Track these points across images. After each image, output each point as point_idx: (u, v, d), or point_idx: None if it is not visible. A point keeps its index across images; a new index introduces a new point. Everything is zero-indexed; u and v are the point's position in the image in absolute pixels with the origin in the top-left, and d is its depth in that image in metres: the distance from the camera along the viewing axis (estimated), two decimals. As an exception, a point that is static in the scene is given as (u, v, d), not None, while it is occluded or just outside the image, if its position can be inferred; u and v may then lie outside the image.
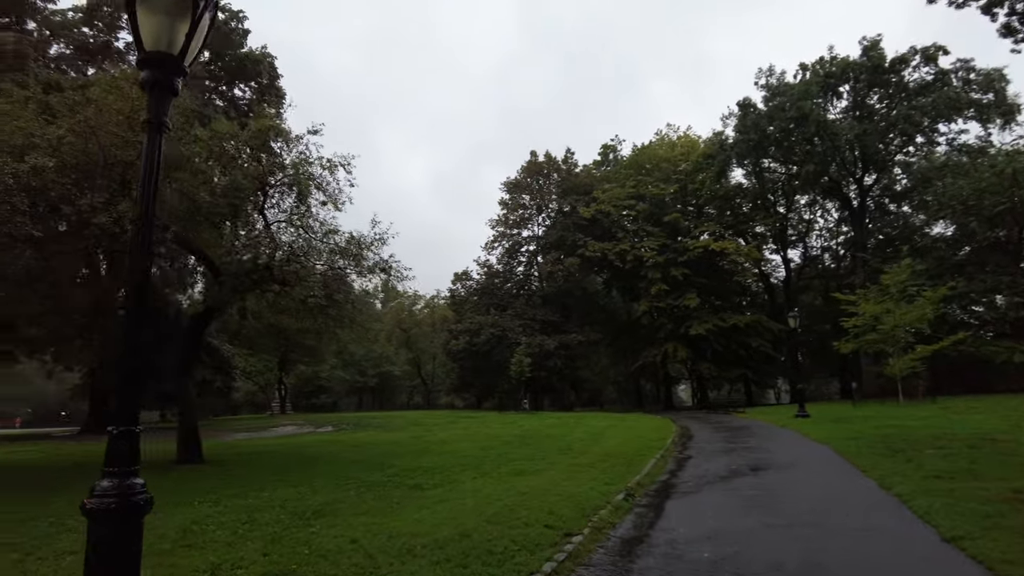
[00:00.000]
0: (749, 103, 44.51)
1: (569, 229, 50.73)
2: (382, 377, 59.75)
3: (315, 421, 31.76)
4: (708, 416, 31.48)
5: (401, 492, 9.66)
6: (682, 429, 21.64)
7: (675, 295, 44.80)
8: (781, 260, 54.32)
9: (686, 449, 15.01)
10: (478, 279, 53.88)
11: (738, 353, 44.20)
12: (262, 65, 34.62)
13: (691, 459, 13.05)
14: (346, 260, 14.62)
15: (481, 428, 22.69)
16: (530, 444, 16.20)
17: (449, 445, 16.85)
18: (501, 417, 30.50)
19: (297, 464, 14.00)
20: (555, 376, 47.43)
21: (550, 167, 54.33)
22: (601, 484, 9.60)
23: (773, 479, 10.05)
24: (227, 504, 9.22)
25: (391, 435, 21.47)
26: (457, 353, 47.76)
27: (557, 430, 20.45)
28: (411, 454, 15.12)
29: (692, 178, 47.96)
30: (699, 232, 46.65)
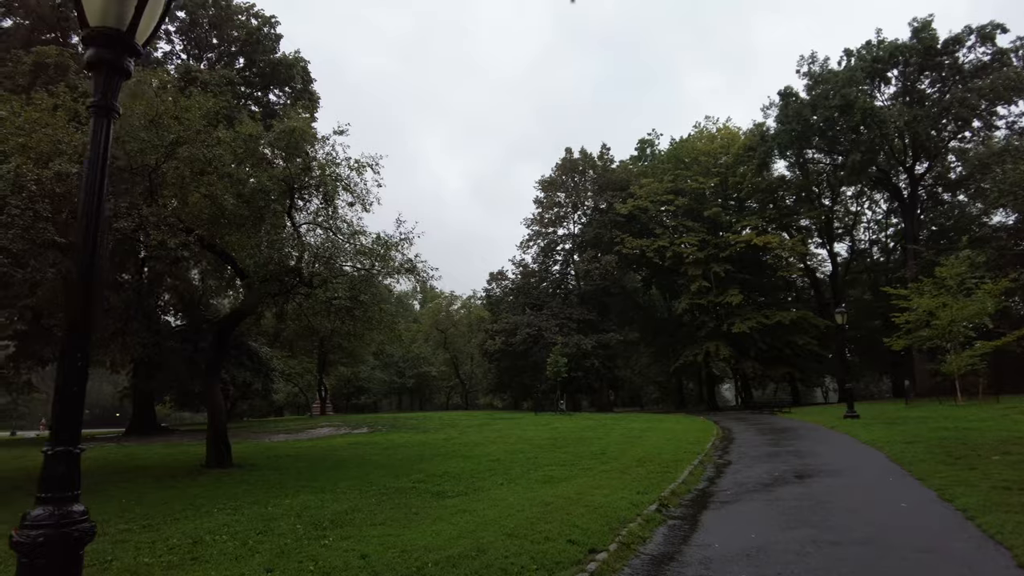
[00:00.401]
0: (790, 92, 42.99)
1: (606, 226, 49.86)
2: (419, 378, 59.91)
3: (352, 422, 31.78)
4: (752, 416, 30.40)
5: (422, 500, 9.28)
6: (723, 431, 20.80)
7: (716, 292, 43.59)
8: (827, 254, 52.44)
9: (727, 453, 14.28)
10: (513, 278, 53.48)
11: (783, 351, 42.74)
12: (295, 70, 34.89)
13: (731, 464, 12.35)
14: (372, 261, 14.35)
15: (514, 430, 22.24)
16: (563, 448, 15.68)
17: (479, 448, 16.46)
18: (536, 418, 30.00)
19: (325, 468, 13.79)
20: (593, 376, 46.63)
21: (585, 164, 53.54)
22: (633, 493, 9.04)
23: (820, 488, 9.32)
24: (246, 512, 9.00)
25: (424, 436, 21.20)
26: (493, 353, 47.42)
27: (592, 433, 19.86)
28: (439, 457, 14.77)
29: (733, 171, 46.55)
30: (741, 227, 45.32)
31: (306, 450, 18.31)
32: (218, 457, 14.36)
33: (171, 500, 10.32)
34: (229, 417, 48.50)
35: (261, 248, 13.48)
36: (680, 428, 21.59)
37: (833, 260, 51.58)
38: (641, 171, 53.53)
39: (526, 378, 46.37)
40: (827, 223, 50.42)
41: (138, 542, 7.47)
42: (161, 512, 9.23)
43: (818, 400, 68.76)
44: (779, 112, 43.44)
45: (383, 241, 15.59)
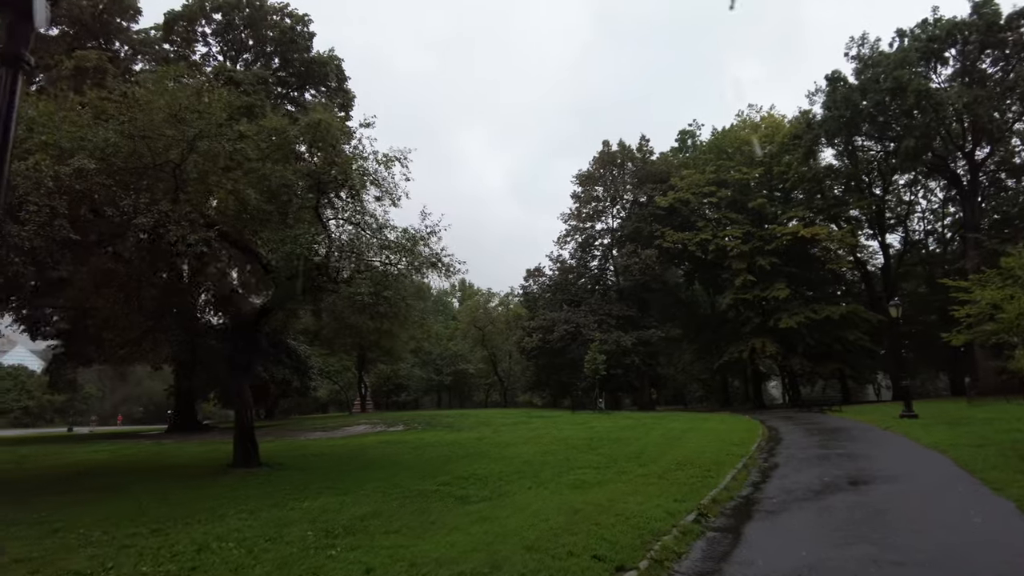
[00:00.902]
0: (838, 76, 41.09)
1: (645, 220, 48.65)
2: (457, 375, 59.73)
3: (389, 420, 31.66)
4: (800, 415, 29.07)
5: (444, 505, 8.77)
6: (770, 431, 19.77)
7: (762, 286, 41.99)
8: (879, 246, 50.07)
9: (773, 455, 13.38)
10: (551, 275, 52.69)
11: (832, 347, 40.93)
12: (328, 68, 34.93)
13: (778, 468, 11.48)
14: (398, 255, 13.92)
15: (550, 430, 21.62)
16: (598, 449, 15.00)
17: (511, 448, 15.90)
18: (573, 417, 29.31)
19: (352, 468, 13.44)
20: (633, 374, 45.57)
21: (624, 156, 52.36)
22: (670, 500, 8.34)
23: (878, 496, 8.44)
24: (262, 516, 8.65)
25: (456, 435, 20.78)
26: (530, 351, 46.78)
27: (630, 433, 19.09)
28: (469, 458, 14.27)
29: (777, 160, 44.79)
30: (787, 218, 43.56)
31: (337, 449, 18.07)
32: (245, 457, 14.17)
33: (191, 501, 10.06)
34: (271, 414, 49.31)
35: (286, 244, 13.18)
36: (723, 428, 20.61)
37: (885, 252, 49.24)
38: (682, 163, 52.12)
39: (564, 376, 45.60)
40: (878, 213, 48.14)
41: (143, 548, 7.15)
42: (178, 514, 8.95)
43: (870, 398, 66.01)
44: (826, 98, 41.59)
45: (410, 235, 15.19)
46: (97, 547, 7.29)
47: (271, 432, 27.96)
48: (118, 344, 17.14)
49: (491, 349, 58.33)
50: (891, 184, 49.00)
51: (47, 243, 9.98)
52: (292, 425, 33.52)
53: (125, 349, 17.77)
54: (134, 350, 18.15)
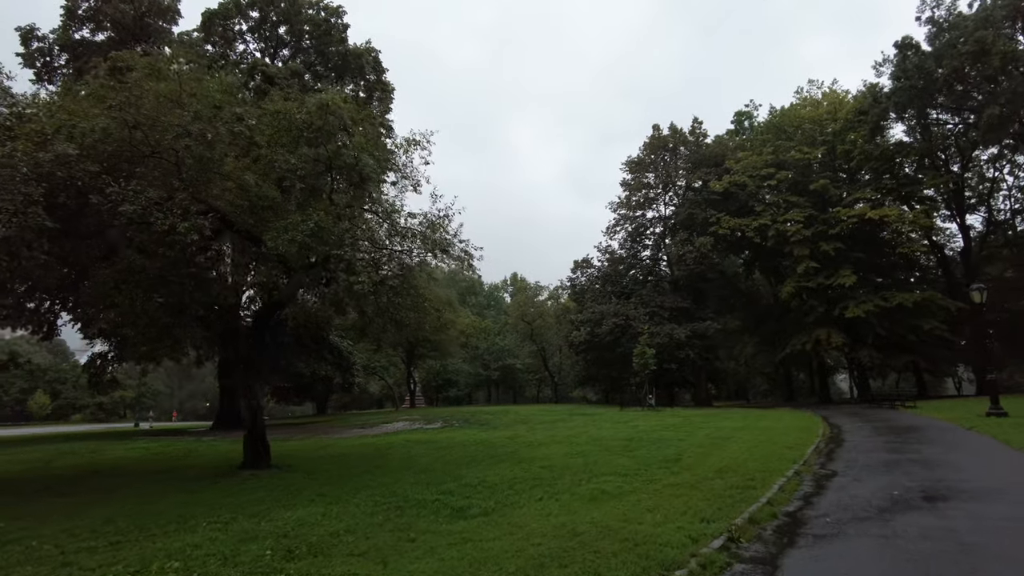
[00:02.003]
0: (909, 43, 37.77)
1: (699, 206, 46.27)
2: (504, 370, 58.78)
3: (432, 416, 30.92)
4: (868, 412, 26.61)
5: (433, 520, 7.64)
6: (831, 430, 17.81)
7: (826, 273, 39.13)
8: (958, 227, 46.06)
9: (831, 460, 11.66)
10: (599, 266, 50.84)
11: (905, 337, 37.73)
12: (364, 59, 34.34)
13: (836, 477, 9.83)
14: (408, 242, 12.89)
15: (589, 428, 20.26)
16: (633, 451, 13.60)
17: (540, 450, 14.67)
18: (619, 415, 27.78)
19: (359, 472, 12.52)
20: (688, 368, 43.44)
21: (676, 140, 49.95)
22: (696, 520, 6.94)
23: (962, 519, 6.81)
24: (232, 528, 7.78)
25: (489, 434, 19.69)
26: (578, 345, 45.23)
27: (673, 433, 17.53)
28: (490, 460, 13.13)
29: (841, 138, 41.60)
30: (852, 200, 40.44)
31: (359, 449, 17.27)
32: (254, 459, 13.46)
33: (174, 508, 9.30)
34: (323, 410, 49.62)
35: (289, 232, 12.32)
36: (779, 427, 18.75)
37: (965, 234, 45.23)
38: (738, 145, 49.35)
39: (614, 371, 43.84)
40: (956, 192, 44.24)
41: (84, 566, 6.33)
42: (149, 524, 8.18)
43: (949, 392, 61.39)
44: (895, 67, 38.31)
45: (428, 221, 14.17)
46: (37, 564, 6.52)
47: (309, 429, 27.65)
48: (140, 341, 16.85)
49: (540, 343, 57.13)
50: (971, 161, 45.01)
51: (21, 231, 9.37)
52: (337, 422, 33.27)
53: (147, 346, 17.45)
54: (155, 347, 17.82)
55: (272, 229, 12.46)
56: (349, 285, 11.32)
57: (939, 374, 53.25)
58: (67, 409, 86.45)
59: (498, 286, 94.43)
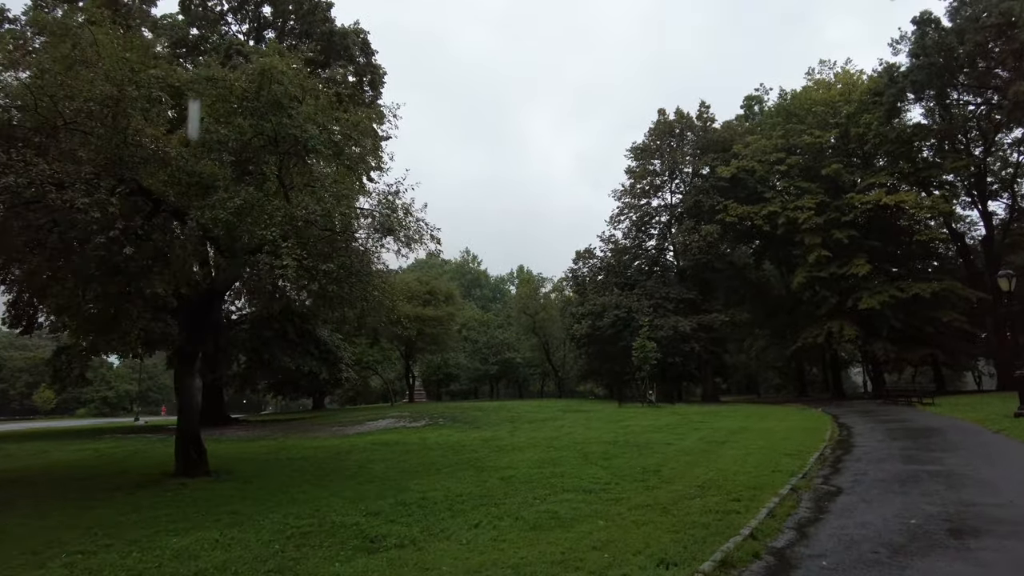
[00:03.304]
0: (928, 18, 35.57)
1: (706, 192, 44.42)
2: (503, 364, 57.21)
3: (421, 413, 29.46)
4: (882, 409, 24.80)
5: (325, 558, 6.14)
6: (840, 432, 16.13)
7: (839, 262, 37.18)
8: (979, 214, 43.84)
9: (837, 472, 10.03)
10: (602, 256, 49.01)
11: (923, 329, 35.81)
12: (349, 39, 32.79)
13: (840, 496, 8.21)
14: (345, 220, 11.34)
15: (576, 429, 18.73)
16: (612, 458, 12.05)
17: (510, 456, 13.16)
18: (616, 412, 26.18)
19: (302, 481, 11.08)
20: (693, 362, 41.67)
21: (683, 125, 47.97)
22: (652, 564, 5.38)
23: (1003, 564, 5.20)
24: (95, 559, 6.39)
25: (466, 435, 18.22)
26: (580, 338, 43.59)
27: (665, 435, 15.96)
28: (449, 469, 11.64)
29: (855, 121, 39.46)
30: (867, 186, 38.40)
31: (318, 452, 15.84)
32: (186, 465, 12.04)
33: (47, 531, 7.87)
34: (320, 406, 48.40)
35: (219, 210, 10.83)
36: (782, 428, 17.08)
37: (987, 221, 42.98)
38: (747, 130, 47.31)
39: (616, 365, 42.10)
40: (978, 177, 42.02)
41: None
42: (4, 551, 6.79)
43: (968, 387, 59.09)
44: (913, 44, 36.16)
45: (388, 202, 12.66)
46: None
47: (291, 427, 26.36)
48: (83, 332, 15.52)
49: (543, 337, 55.52)
50: (993, 144, 42.76)
51: None
52: (324, 419, 31.92)
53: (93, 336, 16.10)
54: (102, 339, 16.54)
55: (198, 207, 11.01)
56: (271, 269, 9.80)
57: (958, 368, 51.14)
58: (72, 403, 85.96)
59: (504, 279, 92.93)
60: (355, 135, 14.12)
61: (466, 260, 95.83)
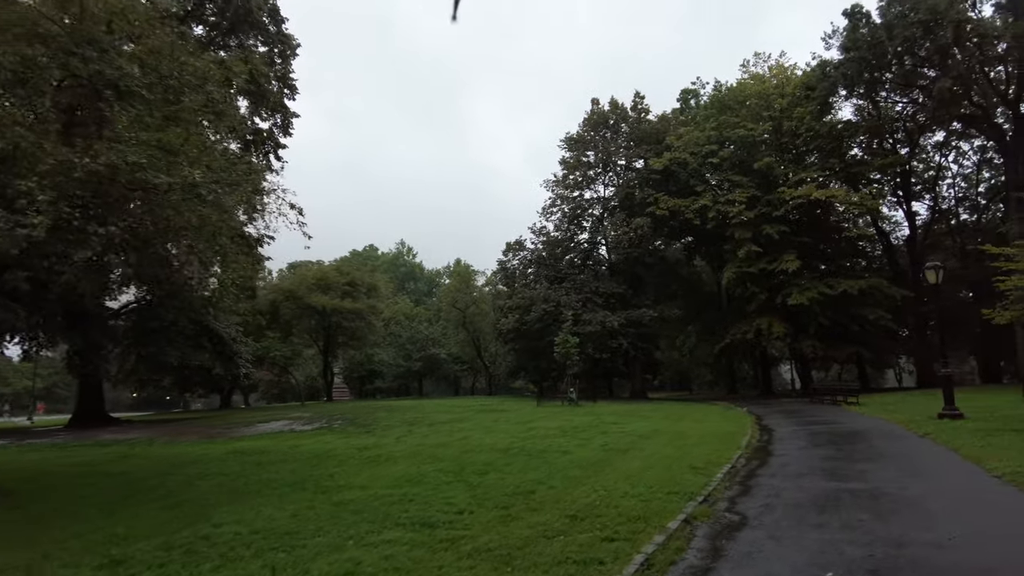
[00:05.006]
0: (859, 10, 35.19)
1: (639, 185, 43.19)
2: (427, 361, 54.71)
3: (325, 414, 26.87)
4: (808, 409, 23.79)
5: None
6: (761, 436, 14.64)
7: (769, 258, 36.46)
8: (904, 215, 44.28)
9: (747, 492, 8.27)
10: (533, 248, 47.17)
11: (849, 327, 35.47)
12: (252, 3, 29.73)
13: (745, 530, 6.39)
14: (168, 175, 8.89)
15: (475, 433, 16.70)
16: (490, 472, 10.05)
17: (372, 470, 11.00)
18: (529, 412, 24.28)
19: (89, 506, 8.63)
20: (621, 358, 40.35)
21: (617, 116, 46.55)
22: None
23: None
24: None
25: (347, 441, 15.93)
26: (507, 333, 41.71)
27: (568, 440, 14.09)
28: (286, 488, 9.39)
29: (788, 115, 38.90)
30: (797, 180, 37.88)
31: (154, 463, 13.30)
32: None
33: None
34: (227, 404, 44.84)
35: None
36: (698, 432, 15.47)
37: (911, 221, 43.48)
38: (681, 123, 46.33)
39: (543, 361, 40.39)
40: (903, 177, 42.39)
41: None
42: None
43: (889, 384, 60.37)
44: (845, 38, 35.73)
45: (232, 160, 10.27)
46: None
47: (166, 429, 23.40)
48: None
49: (473, 332, 53.37)
50: (917, 146, 43.24)
51: None
52: (215, 420, 28.88)
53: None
54: None
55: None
56: (12, 228, 7.32)
57: (881, 366, 51.86)
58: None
59: (440, 272, 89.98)
60: (204, 85, 11.67)
61: (401, 252, 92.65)
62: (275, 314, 42.43)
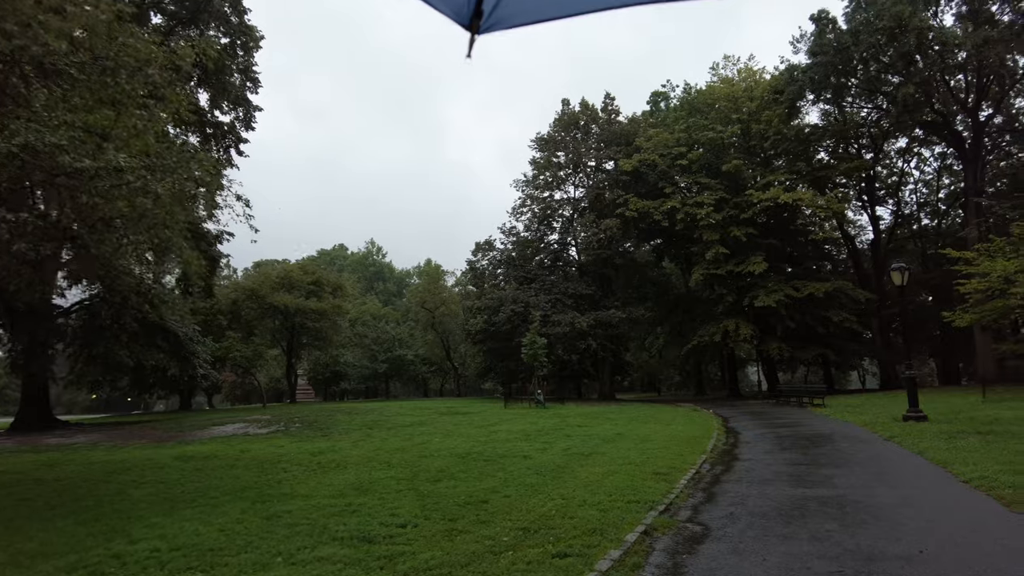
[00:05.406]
0: (825, 16, 35.56)
1: (609, 186, 43.01)
2: (393, 362, 53.80)
3: (284, 416, 25.94)
4: (775, 411, 23.75)
5: None
6: (727, 440, 14.37)
7: (737, 260, 36.56)
8: (868, 219, 45.00)
9: (712, 500, 7.90)
10: (503, 248, 46.70)
11: (815, 329, 35.72)
12: (213, -9, 28.75)
13: (707, 542, 5.99)
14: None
15: (435, 437, 16.14)
16: (444, 480, 9.53)
17: (320, 478, 10.39)
18: (495, 414, 23.79)
19: None
20: (589, 360, 40.08)
21: (588, 117, 46.36)
22: None
23: None
24: None
25: (301, 445, 15.23)
26: (476, 334, 41.14)
27: (530, 444, 13.63)
28: (225, 497, 8.73)
29: (756, 118, 39.13)
30: (765, 183, 38.07)
31: (88, 470, 12.44)
32: None
33: None
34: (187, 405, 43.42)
35: None
36: (664, 435, 15.15)
37: (875, 225, 44.24)
38: (651, 124, 46.31)
39: (511, 362, 39.91)
40: (868, 182, 43.09)
41: None
42: None
43: (853, 386, 61.35)
44: (812, 42, 36.07)
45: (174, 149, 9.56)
46: None
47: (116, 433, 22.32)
48: None
49: (442, 333, 52.64)
50: (881, 151, 43.96)
51: None
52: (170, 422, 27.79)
53: None
54: None
55: None
56: None
57: (846, 367, 52.59)
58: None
59: (410, 272, 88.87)
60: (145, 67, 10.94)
61: (370, 251, 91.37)
62: (236, 314, 41.24)
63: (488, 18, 1.77)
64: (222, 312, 40.12)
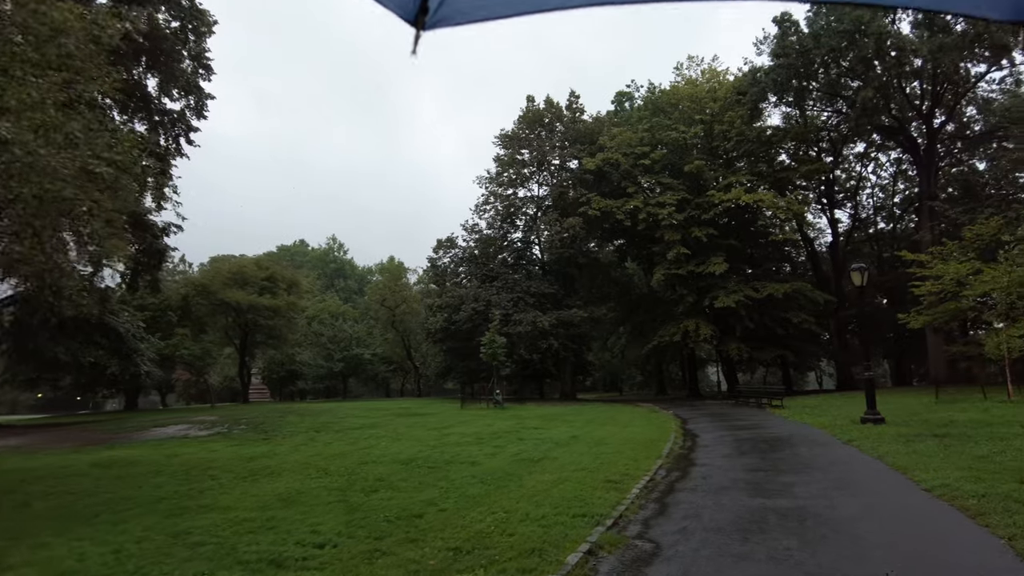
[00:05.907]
0: (789, 19, 35.75)
1: (572, 185, 42.62)
2: (350, 361, 52.55)
3: (230, 417, 24.78)
4: (734, 412, 23.57)
5: None
6: (684, 443, 13.95)
7: (697, 260, 36.53)
8: (827, 222, 45.68)
9: (664, 512, 7.36)
10: (465, 246, 45.94)
11: (774, 330, 35.90)
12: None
13: (657, 562, 5.42)
14: None
15: (382, 440, 15.38)
16: (381, 490, 8.82)
17: (246, 487, 9.57)
18: (451, 416, 23.10)
19: None
20: (551, 359, 39.62)
21: (552, 115, 45.87)
22: None
23: None
24: None
25: (238, 450, 14.31)
26: (436, 333, 40.33)
27: (481, 448, 13.00)
28: (136, 509, 7.87)
29: (719, 119, 39.20)
30: (727, 184, 38.13)
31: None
32: None
33: None
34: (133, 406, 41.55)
35: None
36: (620, 438, 14.67)
37: (834, 228, 44.89)
38: (614, 123, 46.09)
39: (472, 362, 39.18)
40: (828, 185, 43.71)
41: None
42: None
43: (811, 386, 62.32)
44: (775, 44, 36.23)
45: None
46: None
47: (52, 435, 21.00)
48: None
49: (403, 331, 51.59)
50: (841, 155, 44.65)
51: None
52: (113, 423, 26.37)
53: None
54: None
55: None
56: None
57: (804, 368, 53.31)
58: None
59: (372, 269, 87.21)
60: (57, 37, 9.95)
61: (331, 248, 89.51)
62: (187, 310, 39.63)
63: (434, 14, 1.59)
64: (172, 308, 38.50)
